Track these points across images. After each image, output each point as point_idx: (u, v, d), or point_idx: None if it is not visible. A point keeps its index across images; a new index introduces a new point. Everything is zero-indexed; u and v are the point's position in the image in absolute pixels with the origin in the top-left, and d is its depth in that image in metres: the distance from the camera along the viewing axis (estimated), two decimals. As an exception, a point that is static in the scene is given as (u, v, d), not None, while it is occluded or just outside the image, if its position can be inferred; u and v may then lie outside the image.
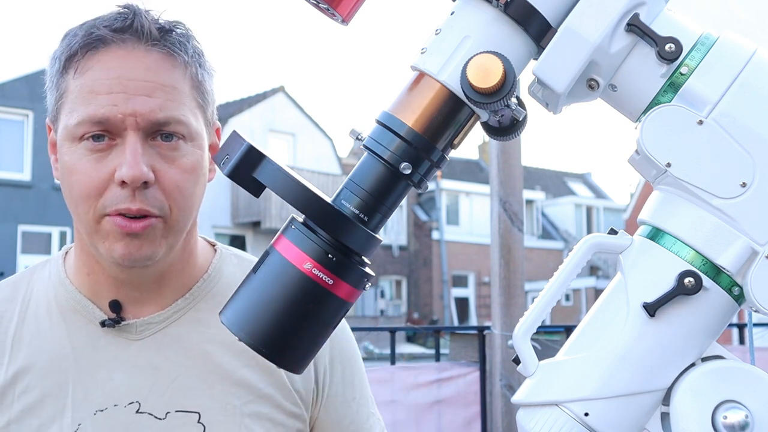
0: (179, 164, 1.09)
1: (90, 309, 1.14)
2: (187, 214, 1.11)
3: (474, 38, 0.78)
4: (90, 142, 1.06)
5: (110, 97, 1.05)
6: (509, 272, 3.66)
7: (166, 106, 1.07)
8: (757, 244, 0.75)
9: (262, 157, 0.77)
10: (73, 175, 1.07)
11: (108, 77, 1.06)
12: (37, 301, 1.16)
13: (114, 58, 1.07)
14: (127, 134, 1.05)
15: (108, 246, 1.06)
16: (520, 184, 3.80)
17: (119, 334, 1.13)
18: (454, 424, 3.69)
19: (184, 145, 1.09)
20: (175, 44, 1.11)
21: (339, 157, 26.76)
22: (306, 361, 0.82)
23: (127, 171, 1.03)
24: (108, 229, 1.06)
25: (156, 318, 1.14)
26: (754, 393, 0.75)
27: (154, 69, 1.08)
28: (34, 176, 19.72)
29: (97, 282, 1.14)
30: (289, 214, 0.83)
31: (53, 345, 1.12)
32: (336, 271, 0.77)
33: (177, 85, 1.09)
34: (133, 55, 1.08)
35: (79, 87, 1.07)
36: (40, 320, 1.14)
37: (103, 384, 1.10)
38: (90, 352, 1.12)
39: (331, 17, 0.84)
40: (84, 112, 1.05)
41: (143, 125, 1.05)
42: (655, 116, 0.77)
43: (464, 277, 29.95)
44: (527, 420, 0.78)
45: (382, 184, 0.79)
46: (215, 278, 1.21)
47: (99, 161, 1.06)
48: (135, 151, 1.04)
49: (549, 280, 0.81)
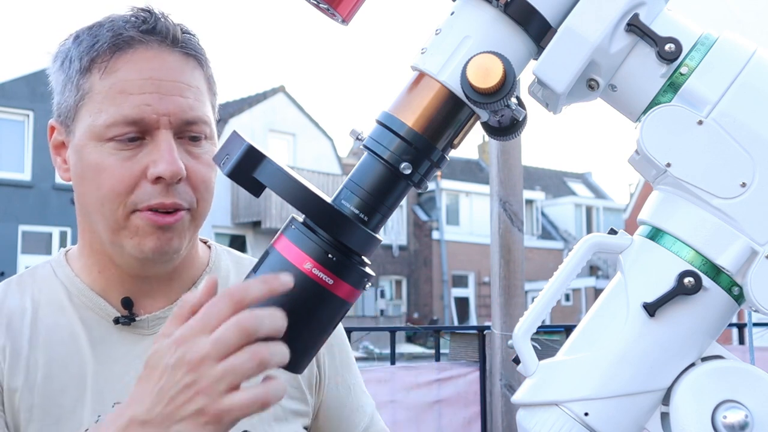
0: (203, 160, 1.12)
1: (102, 306, 1.15)
2: (209, 207, 1.15)
3: (474, 38, 0.78)
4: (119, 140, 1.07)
5: (143, 97, 1.07)
6: (509, 272, 3.66)
7: (195, 106, 1.10)
8: (757, 244, 0.75)
9: (262, 157, 0.77)
10: (102, 173, 1.08)
11: (140, 77, 1.08)
12: (47, 298, 1.17)
13: (142, 59, 1.09)
14: (159, 133, 1.08)
15: (138, 241, 1.08)
16: (520, 184, 3.80)
17: (132, 330, 1.15)
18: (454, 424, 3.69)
19: (205, 143, 1.13)
20: (195, 46, 1.14)
21: (339, 157, 26.76)
22: (306, 361, 0.82)
23: (166, 167, 1.05)
24: (138, 224, 1.08)
25: (167, 312, 1.16)
26: (753, 393, 0.75)
27: (180, 70, 1.11)
28: (34, 176, 19.73)
29: (108, 279, 1.16)
30: (289, 214, 0.83)
31: (71, 337, 1.13)
32: (336, 271, 0.77)
33: (199, 85, 1.13)
34: (160, 56, 1.10)
35: (108, 87, 1.08)
36: (55, 315, 1.15)
37: (120, 377, 1.12)
38: (105, 347, 1.14)
39: (331, 17, 0.85)
40: (116, 112, 1.07)
41: (175, 124, 1.08)
42: (655, 116, 0.77)
43: (464, 277, 29.95)
44: (527, 420, 0.78)
45: (382, 184, 0.79)
46: (216, 271, 1.25)
47: (129, 159, 1.08)
48: (171, 148, 1.07)
49: (549, 280, 0.81)
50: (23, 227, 19.81)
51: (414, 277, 29.05)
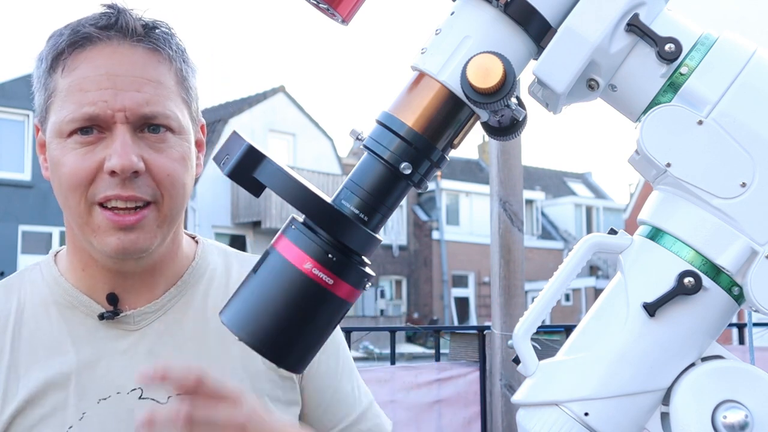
0: (168, 154, 1.11)
1: (87, 303, 1.16)
2: (178, 203, 1.14)
3: (474, 38, 0.78)
4: (79, 135, 1.08)
5: (99, 93, 1.07)
6: (509, 272, 3.66)
7: (154, 100, 1.09)
8: (757, 244, 0.75)
9: (262, 157, 0.77)
10: (62, 167, 1.09)
11: (96, 74, 1.08)
12: (32, 301, 1.18)
13: (101, 55, 1.09)
14: (116, 127, 1.08)
15: (100, 239, 1.09)
16: (520, 184, 3.80)
17: (117, 325, 1.15)
18: (454, 424, 3.68)
19: (171, 137, 1.12)
20: (160, 40, 1.14)
21: (339, 157, 26.75)
22: (306, 361, 0.82)
23: (117, 161, 1.05)
24: (98, 221, 1.08)
25: (152, 307, 1.17)
26: (753, 393, 0.75)
27: (141, 64, 1.10)
28: (34, 176, 19.71)
29: (92, 276, 1.17)
30: (289, 214, 0.83)
31: (53, 340, 1.14)
32: (336, 270, 0.77)
33: (163, 79, 1.12)
34: (120, 51, 1.10)
35: (68, 85, 1.09)
36: (38, 318, 1.16)
37: (105, 374, 1.13)
38: (90, 344, 1.14)
39: (331, 17, 0.85)
40: (74, 109, 1.07)
41: (132, 119, 1.08)
42: (655, 116, 0.77)
43: (464, 277, 29.94)
44: (527, 420, 0.78)
45: (382, 184, 0.79)
46: (203, 266, 1.25)
47: (87, 153, 1.08)
48: (124, 141, 1.07)
49: (549, 280, 0.81)
50: (23, 227, 19.80)
51: (414, 277, 29.04)
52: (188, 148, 1.15)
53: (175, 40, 1.16)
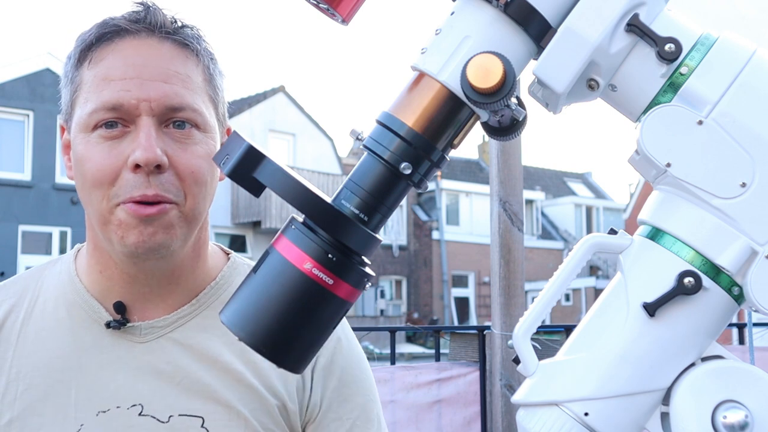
0: (193, 151, 1.08)
1: (96, 309, 1.13)
2: (202, 202, 1.10)
3: (474, 38, 0.78)
4: (103, 129, 1.06)
5: (124, 83, 1.05)
6: (509, 272, 3.66)
7: (181, 92, 1.07)
8: (757, 244, 0.75)
9: (262, 157, 0.77)
10: (86, 163, 1.07)
11: (122, 64, 1.06)
12: (45, 298, 1.16)
13: (128, 46, 1.08)
14: (140, 120, 1.05)
15: (121, 234, 1.06)
16: (520, 184, 3.80)
17: (123, 336, 1.12)
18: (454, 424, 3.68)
19: (197, 134, 1.09)
20: (188, 36, 1.12)
21: (339, 157, 26.75)
22: (306, 362, 0.82)
23: (141, 153, 1.03)
24: (121, 217, 1.05)
25: (161, 322, 1.14)
26: (753, 393, 0.75)
27: (169, 57, 1.09)
28: (34, 176, 19.71)
29: (109, 279, 1.14)
30: (289, 214, 0.83)
31: (57, 343, 1.12)
32: (336, 271, 0.77)
33: (191, 74, 1.10)
34: (148, 43, 1.09)
35: (93, 76, 1.07)
36: (46, 317, 1.14)
37: (106, 385, 1.10)
38: (94, 352, 1.11)
39: (331, 17, 0.85)
40: (97, 99, 1.05)
41: (157, 111, 1.06)
42: (654, 116, 0.77)
43: (464, 277, 29.94)
44: (527, 420, 0.78)
45: (382, 184, 0.79)
46: (223, 286, 1.19)
47: (112, 148, 1.06)
48: (149, 134, 1.04)
49: (549, 280, 0.81)
50: (23, 227, 19.79)
51: (414, 277, 29.04)
52: (214, 147, 1.12)
53: (204, 43, 1.15)
